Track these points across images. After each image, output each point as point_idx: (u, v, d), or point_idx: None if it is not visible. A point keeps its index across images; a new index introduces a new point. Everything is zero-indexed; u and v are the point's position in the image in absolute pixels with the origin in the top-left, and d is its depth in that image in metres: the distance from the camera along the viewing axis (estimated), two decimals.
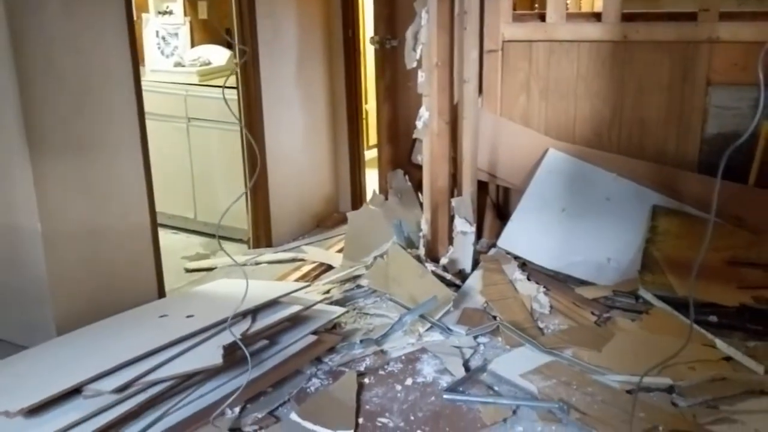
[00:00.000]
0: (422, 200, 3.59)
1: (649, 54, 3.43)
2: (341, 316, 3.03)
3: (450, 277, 3.29)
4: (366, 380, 2.63)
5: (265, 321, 2.70)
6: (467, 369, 2.68)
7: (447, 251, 3.43)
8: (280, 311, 2.81)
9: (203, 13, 4.78)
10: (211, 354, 2.44)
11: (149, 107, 3.13)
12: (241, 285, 3.15)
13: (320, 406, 2.46)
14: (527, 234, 3.51)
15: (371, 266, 3.41)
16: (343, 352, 2.81)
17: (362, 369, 2.71)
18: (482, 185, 3.66)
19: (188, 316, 2.71)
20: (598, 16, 3.50)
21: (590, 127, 3.61)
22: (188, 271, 3.81)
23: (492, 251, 3.54)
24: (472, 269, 3.38)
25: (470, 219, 3.38)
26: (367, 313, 3.15)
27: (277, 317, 2.74)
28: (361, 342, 2.85)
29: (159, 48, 4.70)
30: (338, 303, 3.19)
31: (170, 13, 4.71)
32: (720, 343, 2.76)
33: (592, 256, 3.37)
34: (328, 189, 4.49)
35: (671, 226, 3.30)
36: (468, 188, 3.40)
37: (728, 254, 3.14)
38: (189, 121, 4.19)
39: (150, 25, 4.69)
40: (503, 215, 3.82)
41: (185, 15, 4.69)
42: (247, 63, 3.75)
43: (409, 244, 3.54)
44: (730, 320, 2.93)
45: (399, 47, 3.76)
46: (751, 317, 2.93)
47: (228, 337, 2.54)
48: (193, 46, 4.68)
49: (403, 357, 2.79)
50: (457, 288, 3.24)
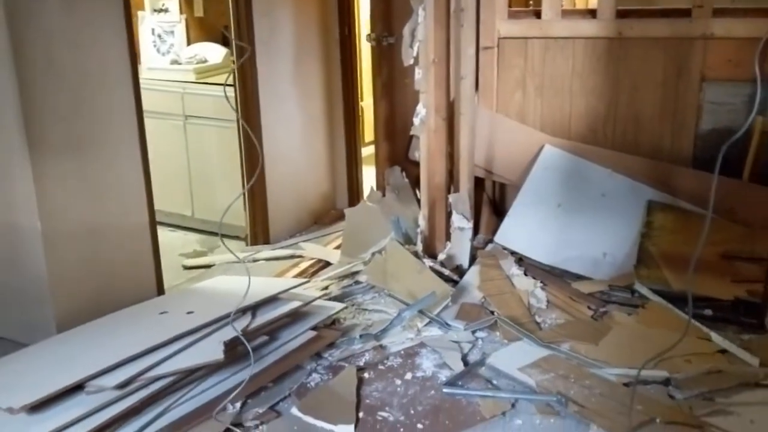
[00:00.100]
0: (419, 197, 3.61)
1: (644, 50, 3.44)
2: (340, 311, 3.05)
3: (448, 273, 3.31)
4: (366, 375, 2.65)
5: (265, 317, 2.71)
6: (466, 363, 2.71)
7: (444, 247, 3.44)
8: (280, 307, 2.82)
9: (199, 11, 4.77)
10: (212, 350, 2.46)
11: (146, 105, 3.13)
12: (239, 282, 3.18)
13: (321, 400, 2.49)
14: (524, 229, 3.54)
15: (369, 262, 3.43)
16: (343, 348, 2.83)
17: (362, 364, 2.73)
18: (479, 181, 3.67)
19: (188, 313, 2.72)
20: (593, 13, 3.51)
21: (585, 124, 3.63)
22: (186, 268, 3.82)
23: (489, 247, 3.56)
24: (470, 265, 3.40)
25: (467, 215, 3.40)
26: (366, 309, 3.17)
27: (277, 313, 2.76)
28: (361, 337, 2.87)
29: (155, 46, 4.70)
30: (337, 299, 3.20)
31: (166, 10, 4.71)
32: (715, 336, 2.79)
33: (588, 251, 3.40)
34: (325, 186, 4.51)
35: (666, 221, 3.33)
36: (465, 184, 3.42)
37: (723, 248, 3.17)
38: (186, 119, 4.19)
39: (145, 23, 4.70)
40: (499, 211, 3.83)
41: (181, 13, 4.69)
42: (244, 61, 3.76)
43: (407, 240, 3.56)
44: (725, 314, 2.96)
45: (396, 44, 3.77)
46: (745, 310, 2.96)
47: (228, 333, 2.56)
48: (189, 43, 4.68)
49: (402, 352, 2.81)
50: (454, 283, 3.26)
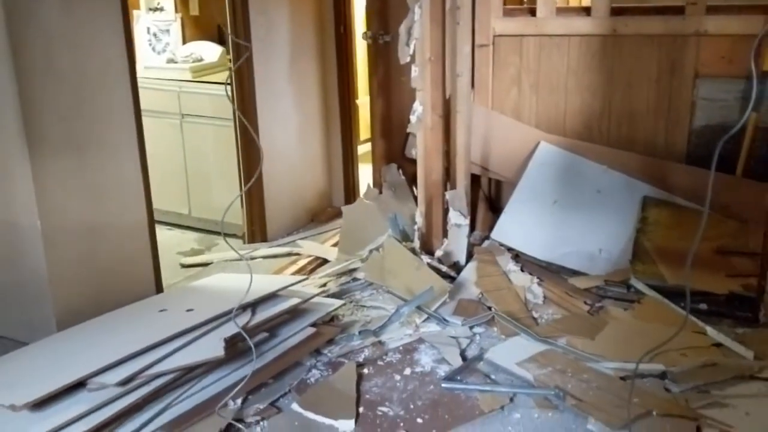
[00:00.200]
0: (416, 194, 3.63)
1: (638, 47, 3.47)
2: (339, 308, 3.07)
3: (445, 270, 3.33)
4: (365, 371, 2.67)
5: (264, 314, 2.73)
6: (464, 358, 2.73)
7: (442, 244, 3.46)
8: (279, 304, 2.84)
9: (195, 10, 4.78)
10: (212, 346, 2.47)
11: (143, 104, 3.13)
12: (237, 279, 3.20)
13: (321, 396, 2.51)
14: (520, 226, 3.56)
15: (367, 259, 3.44)
16: (342, 344, 2.85)
17: (361, 360, 2.75)
18: (475, 178, 3.69)
19: (188, 310, 2.73)
20: (587, 11, 3.54)
21: (580, 120, 3.65)
22: (184, 266, 3.83)
23: (485, 243, 3.58)
24: (467, 261, 3.42)
25: (464, 212, 3.42)
26: (364, 306, 3.19)
27: (277, 310, 2.77)
28: (360, 333, 2.89)
29: (150, 44, 4.70)
30: (335, 296, 3.22)
31: (161, 9, 4.72)
32: (710, 330, 2.82)
33: (583, 247, 3.43)
34: (322, 184, 4.52)
35: (661, 217, 3.36)
36: (462, 181, 3.44)
37: (717, 243, 3.20)
38: (182, 118, 4.20)
39: (141, 22, 4.70)
40: (495, 208, 3.86)
41: (176, 11, 4.70)
42: (240, 59, 3.76)
43: (404, 237, 3.57)
44: (720, 308, 3.00)
45: (392, 42, 3.78)
46: (739, 304, 3.00)
47: (228, 330, 2.57)
48: (184, 42, 4.69)
49: (401, 347, 2.83)
50: (452, 280, 3.28)
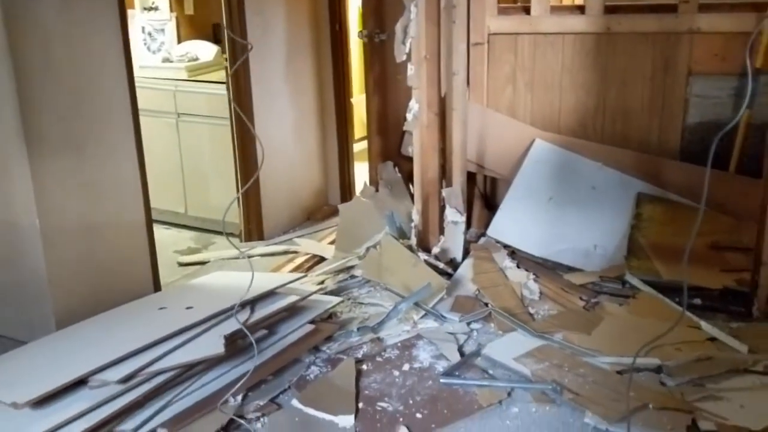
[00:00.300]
0: (412, 191, 3.65)
1: (632, 45, 3.49)
2: (337, 305, 3.08)
3: (442, 266, 3.35)
4: (364, 367, 2.69)
5: (263, 311, 2.74)
6: (462, 354, 2.75)
7: (438, 241, 3.48)
8: (278, 302, 2.85)
9: (189, 9, 4.78)
10: (212, 344, 2.49)
11: (139, 103, 3.13)
12: (236, 277, 3.22)
13: (320, 392, 2.52)
14: (516, 223, 3.59)
15: (364, 257, 3.46)
16: (341, 341, 2.87)
17: (360, 356, 2.77)
18: (470, 176, 3.71)
19: (187, 308, 2.75)
20: (581, 9, 3.56)
21: (575, 118, 3.68)
22: (181, 265, 3.84)
23: (482, 240, 3.60)
24: (463, 258, 3.45)
25: (461, 209, 3.44)
26: (362, 303, 3.20)
27: (276, 307, 2.79)
28: (358, 330, 2.91)
29: (145, 44, 4.70)
30: (333, 293, 3.24)
31: (156, 8, 4.72)
32: (705, 325, 2.85)
33: (579, 243, 3.46)
34: (318, 182, 4.54)
35: (655, 213, 3.39)
36: (458, 179, 3.46)
37: (711, 239, 3.24)
38: (179, 117, 4.21)
39: (135, 21, 4.70)
40: (491, 205, 3.88)
41: (171, 11, 4.70)
42: (237, 58, 3.77)
43: (401, 234, 3.59)
44: (714, 302, 3.03)
45: (388, 41, 3.80)
46: (733, 299, 3.04)
47: (228, 327, 2.59)
48: (179, 41, 4.69)
49: (399, 344, 2.85)
50: (449, 276, 3.31)
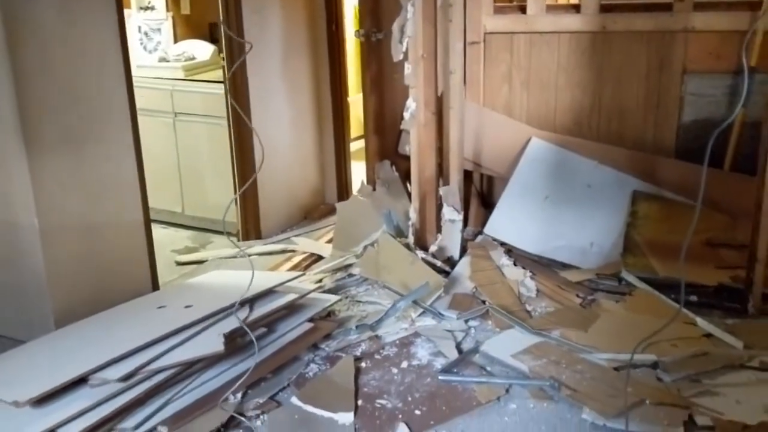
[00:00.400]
0: (410, 190, 3.66)
1: (627, 44, 3.51)
2: (335, 303, 3.10)
3: (439, 264, 3.37)
4: (363, 364, 2.71)
5: (262, 309, 2.75)
6: (460, 351, 2.77)
7: (436, 239, 3.50)
8: (276, 300, 2.86)
9: (186, 8, 4.79)
10: (212, 342, 2.50)
11: (136, 103, 3.14)
12: (234, 276, 3.23)
13: (320, 390, 2.54)
14: (512, 221, 3.60)
15: (362, 255, 3.47)
16: (339, 338, 2.88)
17: (358, 354, 2.78)
18: (467, 174, 3.72)
19: (186, 307, 2.76)
20: (577, 8, 3.57)
21: (571, 117, 3.70)
22: (179, 264, 3.84)
23: (479, 238, 3.62)
24: (460, 256, 3.46)
25: (458, 207, 3.46)
26: (360, 301, 3.22)
27: (274, 305, 2.80)
28: (357, 328, 2.92)
29: (141, 43, 4.71)
30: (331, 292, 3.25)
31: (152, 8, 4.72)
32: (701, 321, 2.87)
33: (575, 241, 3.48)
34: (315, 181, 4.55)
35: (651, 211, 3.42)
36: (455, 177, 3.48)
37: (706, 236, 3.26)
38: (176, 116, 4.21)
39: (132, 21, 4.70)
40: (488, 204, 3.90)
41: (167, 10, 4.70)
42: (234, 58, 3.78)
43: (399, 233, 3.61)
44: (710, 299, 3.06)
45: (384, 40, 3.81)
46: (729, 296, 3.06)
47: (227, 325, 2.60)
48: (176, 41, 4.70)
49: (397, 341, 2.87)
50: (446, 274, 3.32)
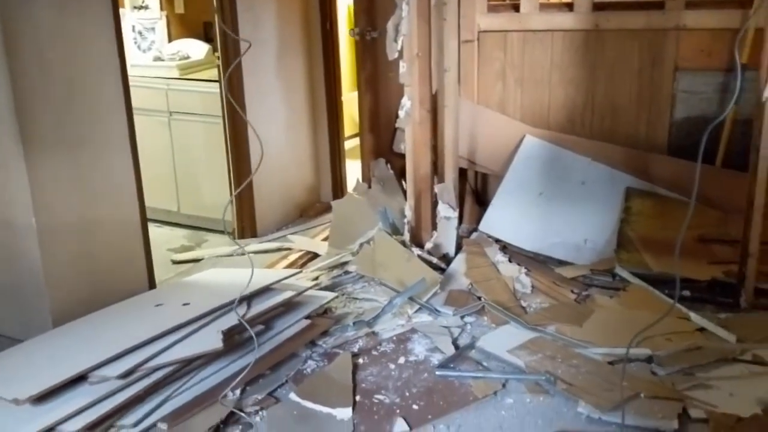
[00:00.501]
0: (405, 188, 3.68)
1: (620, 42, 3.54)
2: (332, 301, 3.11)
3: (435, 261, 3.39)
4: (360, 360, 2.72)
5: (260, 306, 2.77)
6: (456, 347, 2.79)
7: (431, 236, 3.52)
8: (273, 297, 2.88)
9: (180, 8, 4.79)
10: (210, 339, 2.51)
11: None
12: (231, 274, 3.24)
13: (318, 386, 2.55)
14: (507, 218, 3.63)
15: (358, 253, 3.49)
16: (337, 335, 2.90)
17: (356, 350, 2.80)
18: (461, 172, 3.74)
19: (184, 304, 2.77)
20: (570, 6, 3.60)
21: (564, 114, 3.73)
22: (175, 262, 3.85)
23: (474, 235, 3.65)
24: (456, 253, 3.48)
25: (453, 204, 3.48)
26: (356, 298, 3.24)
27: (272, 303, 2.81)
28: (354, 325, 2.94)
29: (135, 43, 4.70)
30: (327, 289, 3.26)
31: (146, 7, 4.72)
32: (694, 316, 2.91)
33: (569, 237, 3.50)
34: (310, 179, 4.56)
35: (644, 207, 3.45)
36: (450, 175, 3.50)
37: (699, 232, 3.29)
38: (171, 115, 4.22)
39: (126, 20, 4.69)
40: (482, 201, 3.93)
41: (161, 9, 4.71)
42: (229, 57, 3.79)
43: (394, 230, 3.63)
44: (703, 294, 3.09)
45: (379, 38, 3.83)
46: (721, 291, 3.09)
47: (225, 322, 2.62)
48: (170, 40, 4.70)
49: (394, 338, 2.89)
50: (442, 271, 3.34)
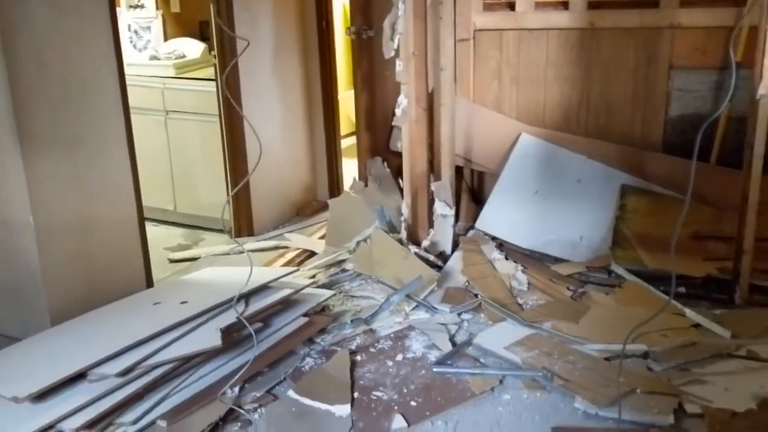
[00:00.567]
0: (401, 186, 3.69)
1: (615, 40, 3.56)
2: (329, 298, 3.13)
3: (432, 259, 3.40)
4: (358, 358, 2.74)
5: (258, 304, 2.78)
6: (454, 344, 2.81)
7: (428, 234, 3.53)
8: (271, 295, 2.89)
9: (175, 7, 4.79)
10: (209, 337, 2.52)
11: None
12: (228, 272, 3.25)
13: (316, 383, 2.57)
14: (503, 216, 3.65)
15: (355, 251, 3.50)
16: (334, 333, 2.91)
17: (353, 347, 2.81)
18: (457, 170, 3.76)
19: (182, 303, 2.78)
20: (565, 5, 3.61)
21: (560, 112, 3.75)
22: (172, 261, 3.86)
23: (470, 233, 3.66)
24: (452, 251, 3.50)
25: (450, 202, 3.49)
26: (354, 296, 3.25)
27: (270, 300, 2.82)
28: (351, 322, 2.95)
29: (131, 42, 4.70)
30: (325, 287, 3.28)
31: (142, 6, 4.72)
32: (689, 312, 2.93)
33: (565, 234, 3.52)
34: (306, 178, 4.57)
35: (639, 205, 3.47)
36: (446, 172, 3.51)
37: (693, 229, 3.32)
38: (167, 114, 4.22)
39: (121, 19, 4.69)
40: (478, 199, 3.94)
41: (157, 8, 4.71)
42: (225, 55, 3.80)
43: (391, 228, 3.64)
44: (698, 290, 3.11)
45: (375, 37, 3.84)
46: (716, 287, 3.12)
47: (224, 320, 2.63)
48: (166, 39, 4.70)
49: (391, 335, 2.90)
50: (439, 269, 3.36)
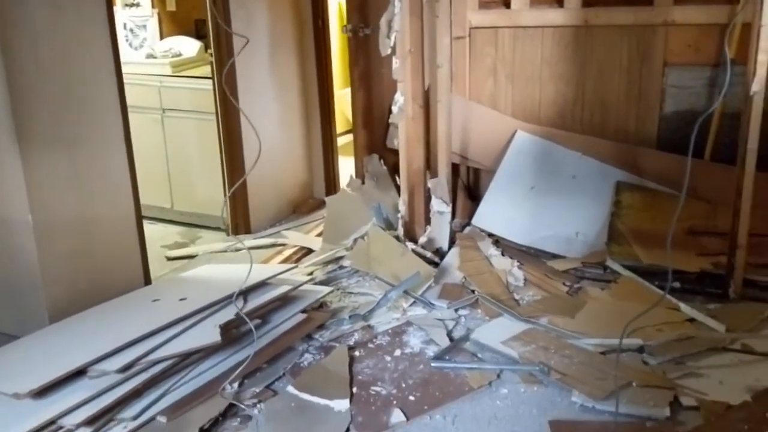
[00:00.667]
0: (398, 183, 3.71)
1: (609, 38, 3.58)
2: (327, 295, 3.15)
3: (429, 256, 3.42)
4: (356, 353, 2.76)
5: (257, 301, 2.80)
6: (451, 339, 2.83)
7: (425, 231, 3.55)
8: (270, 292, 2.91)
9: (171, 5, 4.80)
10: (208, 333, 2.54)
11: None
12: (226, 270, 3.27)
13: (315, 378, 2.59)
14: (500, 212, 3.67)
15: (352, 248, 3.52)
16: (333, 329, 2.93)
17: (352, 343, 2.83)
18: (454, 167, 3.76)
19: (181, 299, 2.79)
20: (560, 2, 3.63)
21: (555, 109, 3.77)
22: (170, 259, 3.86)
23: (467, 230, 3.68)
24: (449, 247, 3.52)
25: (446, 199, 3.51)
26: (351, 292, 3.27)
27: (269, 297, 2.84)
28: (349, 318, 2.97)
29: (127, 40, 4.71)
30: (322, 283, 3.30)
31: (137, 5, 4.73)
32: (684, 307, 2.96)
33: (561, 230, 3.55)
34: (303, 175, 4.58)
35: (634, 201, 3.50)
36: (443, 170, 3.53)
37: (688, 224, 3.34)
38: (164, 112, 4.23)
39: (117, 17, 4.68)
40: (474, 196, 3.96)
41: (153, 7, 4.71)
42: (222, 53, 3.81)
43: (388, 225, 3.66)
44: (692, 285, 3.14)
45: (372, 35, 3.86)
46: (710, 282, 3.14)
47: (223, 317, 2.64)
48: (162, 37, 4.71)
49: (389, 331, 2.92)
50: (435, 265, 3.38)
